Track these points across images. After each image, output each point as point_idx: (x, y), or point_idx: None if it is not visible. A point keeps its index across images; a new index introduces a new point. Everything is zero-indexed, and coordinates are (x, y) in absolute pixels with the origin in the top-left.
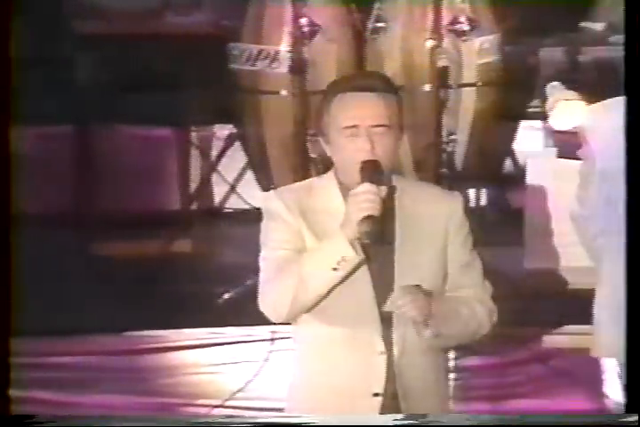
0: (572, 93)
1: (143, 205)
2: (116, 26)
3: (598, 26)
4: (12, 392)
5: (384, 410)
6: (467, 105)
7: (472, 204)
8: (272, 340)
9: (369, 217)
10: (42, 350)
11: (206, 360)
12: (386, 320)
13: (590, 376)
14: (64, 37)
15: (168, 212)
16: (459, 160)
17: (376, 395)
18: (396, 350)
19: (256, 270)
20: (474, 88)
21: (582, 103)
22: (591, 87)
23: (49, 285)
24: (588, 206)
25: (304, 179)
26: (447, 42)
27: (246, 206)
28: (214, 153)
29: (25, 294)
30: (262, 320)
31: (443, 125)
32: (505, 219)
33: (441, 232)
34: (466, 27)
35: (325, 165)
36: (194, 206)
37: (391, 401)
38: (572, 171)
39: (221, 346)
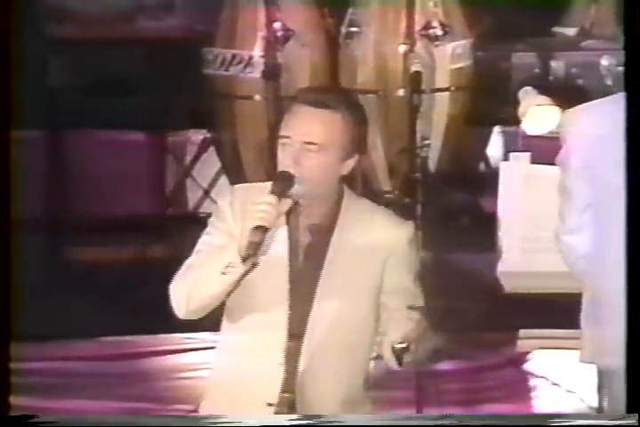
0: (544, 98)
1: (117, 211)
2: (89, 30)
3: (570, 31)
4: None
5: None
6: (440, 110)
7: (447, 209)
8: None
9: (259, 227)
10: (16, 356)
11: (181, 366)
12: (295, 333)
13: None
14: (36, 41)
15: (142, 217)
16: (432, 165)
17: (270, 405)
18: (302, 363)
19: None
20: (447, 93)
21: (555, 108)
22: (564, 92)
23: (23, 290)
24: (570, 223)
25: None
26: (420, 47)
27: None
28: (188, 158)
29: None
30: None
31: (416, 130)
32: (478, 223)
33: (379, 259)
34: (439, 32)
35: None
36: (168, 211)
37: (288, 411)
38: (545, 176)
39: (196, 351)
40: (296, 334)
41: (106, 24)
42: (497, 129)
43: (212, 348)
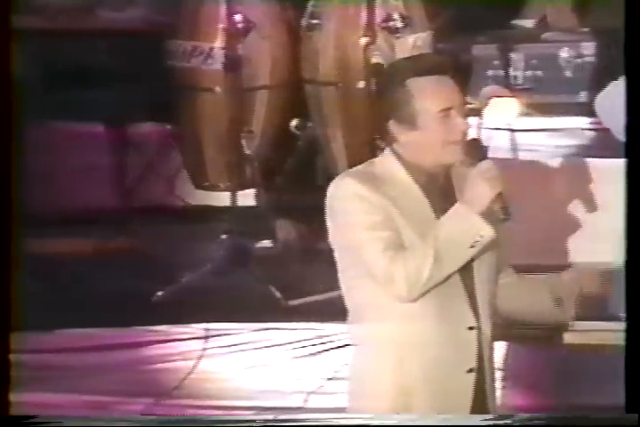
0: (504, 90)
1: (79, 203)
2: (50, 21)
3: (529, 23)
4: None
5: (478, 386)
6: None
7: None
8: (206, 337)
9: (499, 194)
10: None
11: (141, 358)
12: (470, 292)
13: (522, 371)
14: None
15: (104, 209)
16: None
17: (470, 371)
18: (485, 327)
19: (191, 268)
20: None
21: (514, 100)
22: (523, 83)
23: None
24: None
25: (239, 176)
26: (381, 39)
27: (182, 204)
28: (150, 150)
29: None
30: (197, 318)
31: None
32: None
33: None
34: (399, 24)
35: (260, 162)
36: (130, 204)
37: (482, 377)
38: (505, 167)
39: (156, 344)
40: (471, 292)
41: (67, 15)
42: None
43: (171, 340)
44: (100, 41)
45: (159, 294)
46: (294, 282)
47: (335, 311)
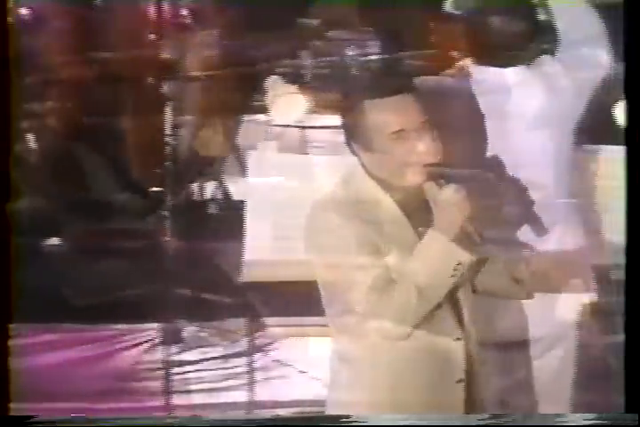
0: (291, 87)
1: None
2: None
3: (314, 22)
4: None
5: (469, 396)
6: (191, 98)
7: (195, 198)
8: None
9: (469, 216)
10: None
11: None
12: (455, 309)
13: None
14: None
15: None
16: (182, 153)
17: (459, 381)
18: (472, 336)
19: None
20: (198, 81)
21: (302, 97)
22: (311, 81)
23: None
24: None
25: (28, 173)
26: (171, 35)
27: None
28: None
29: None
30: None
31: (166, 119)
32: (227, 212)
33: None
34: (189, 20)
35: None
36: None
37: (473, 387)
38: (292, 164)
39: None
40: (455, 303)
41: None
42: (246, 118)
43: None
44: None
45: None
46: (83, 281)
47: (126, 311)
